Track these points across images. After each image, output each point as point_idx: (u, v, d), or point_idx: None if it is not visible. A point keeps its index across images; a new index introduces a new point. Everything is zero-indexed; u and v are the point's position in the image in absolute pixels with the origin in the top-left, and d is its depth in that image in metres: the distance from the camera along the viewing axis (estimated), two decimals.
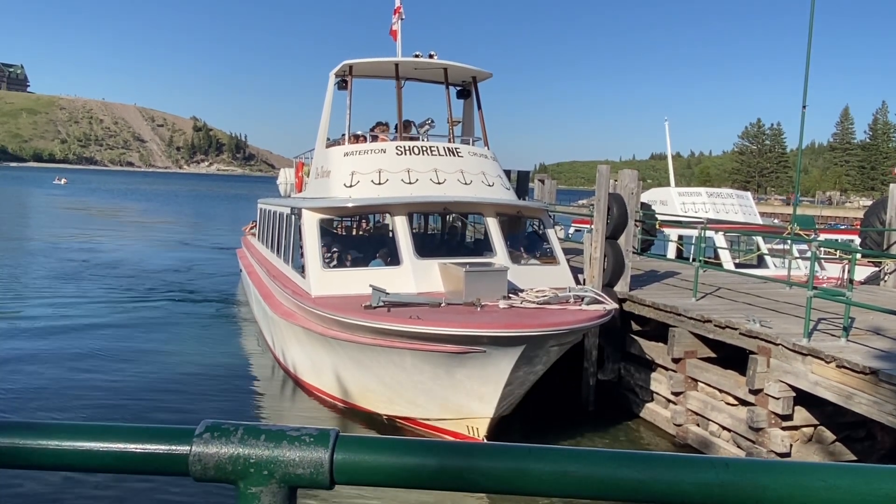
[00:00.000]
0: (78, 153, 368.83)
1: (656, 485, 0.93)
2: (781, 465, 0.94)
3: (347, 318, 9.14)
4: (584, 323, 8.98)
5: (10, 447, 1.04)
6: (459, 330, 8.32)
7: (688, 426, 9.99)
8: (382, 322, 8.75)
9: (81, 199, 77.85)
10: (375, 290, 9.20)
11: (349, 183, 11.08)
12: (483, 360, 8.59)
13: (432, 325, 8.44)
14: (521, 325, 8.44)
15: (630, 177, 11.89)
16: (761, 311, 10.01)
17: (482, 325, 8.41)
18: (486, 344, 8.40)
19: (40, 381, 11.35)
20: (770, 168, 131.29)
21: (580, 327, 8.95)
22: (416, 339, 8.67)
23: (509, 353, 8.50)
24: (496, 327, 8.35)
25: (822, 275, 14.64)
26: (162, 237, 38.19)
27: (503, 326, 8.38)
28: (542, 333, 8.47)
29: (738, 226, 16.56)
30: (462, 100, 13.84)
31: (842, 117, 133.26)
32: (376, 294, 9.17)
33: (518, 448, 0.98)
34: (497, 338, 8.33)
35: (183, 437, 1.02)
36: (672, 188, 19.62)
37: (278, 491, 1.00)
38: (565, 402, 11.37)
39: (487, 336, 8.32)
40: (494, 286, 9.63)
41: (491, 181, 11.48)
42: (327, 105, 12.74)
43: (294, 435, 1.00)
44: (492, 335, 8.32)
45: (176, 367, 12.60)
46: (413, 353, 8.86)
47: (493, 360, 8.58)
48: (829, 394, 7.73)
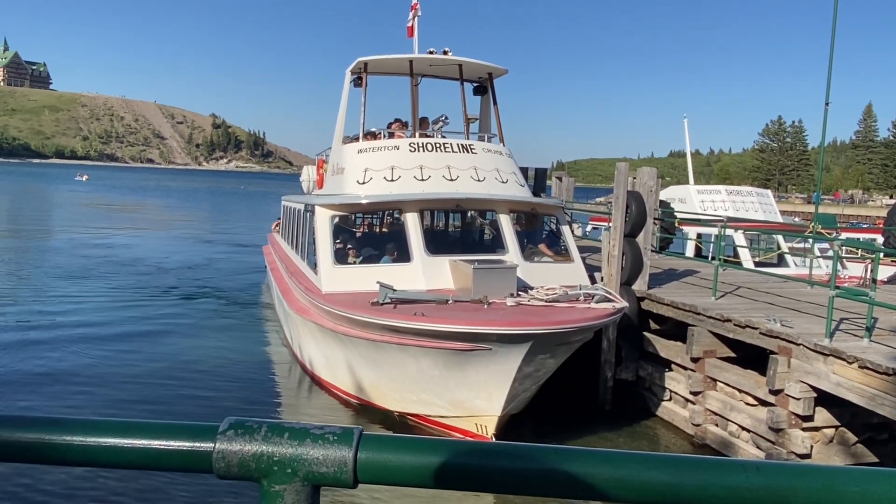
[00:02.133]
0: (99, 150, 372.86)
1: (684, 488, 0.91)
2: (814, 469, 0.92)
3: (354, 315, 9.17)
4: (592, 322, 8.90)
5: (36, 442, 1.04)
6: (463, 327, 8.29)
7: (706, 426, 9.91)
8: (387, 318, 8.76)
9: (103, 196, 78.78)
10: (382, 286, 9.23)
11: (362, 180, 11.10)
12: (489, 358, 8.56)
13: (436, 322, 8.43)
14: (526, 323, 8.39)
15: (649, 174, 11.80)
16: (782, 310, 9.90)
17: (486, 322, 8.37)
18: (492, 342, 8.37)
19: (64, 377, 11.50)
20: (791, 166, 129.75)
21: (587, 326, 8.87)
22: (421, 335, 8.66)
23: (515, 350, 8.46)
24: (500, 325, 8.31)
25: (844, 274, 14.45)
26: (183, 234, 38.54)
27: (508, 324, 8.33)
28: (548, 331, 8.41)
29: (759, 224, 16.38)
30: (479, 96, 13.81)
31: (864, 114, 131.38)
32: (383, 291, 9.19)
33: (544, 449, 0.97)
34: (501, 335, 8.30)
35: (207, 434, 1.02)
36: (691, 186, 19.44)
37: (302, 489, 0.99)
38: (582, 401, 11.32)
39: (491, 333, 8.29)
40: (503, 284, 9.59)
41: (505, 178, 11.42)
42: (344, 102, 12.77)
43: (318, 433, 1.00)
44: (495, 333, 8.28)
45: (198, 362, 12.74)
46: (419, 350, 8.86)
47: (500, 358, 8.55)
48: (852, 395, 7.63)
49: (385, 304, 9.11)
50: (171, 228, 42.19)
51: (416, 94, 12.91)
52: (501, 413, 8.96)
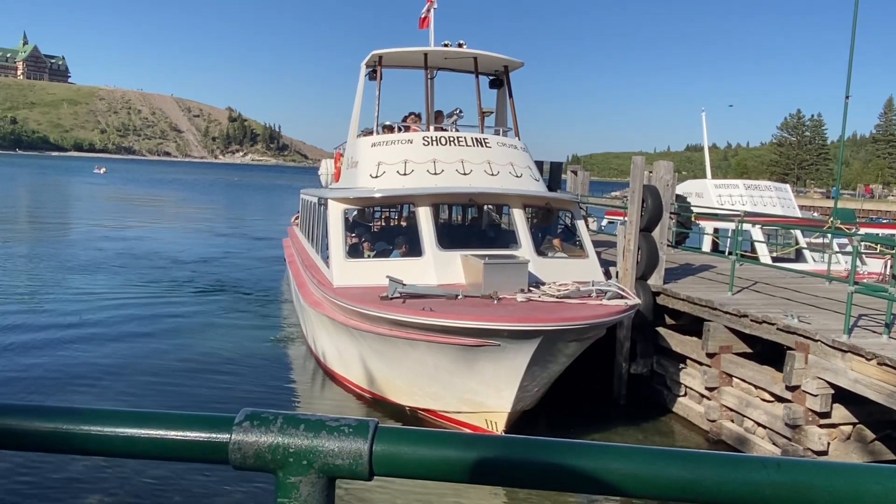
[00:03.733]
0: (117, 143, 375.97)
1: (704, 484, 0.90)
2: (836, 467, 0.90)
3: (363, 309, 9.19)
4: (603, 318, 8.81)
5: (53, 432, 1.05)
6: (470, 322, 8.26)
7: (722, 422, 9.85)
8: (395, 313, 8.75)
9: (122, 188, 79.52)
10: (392, 280, 9.23)
11: (375, 173, 11.10)
12: (498, 354, 8.52)
13: (443, 317, 8.40)
14: (535, 319, 8.31)
15: (665, 168, 11.72)
16: (799, 306, 9.81)
17: (494, 318, 8.30)
18: (501, 337, 8.32)
19: (80, 368, 11.64)
20: (810, 160, 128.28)
21: (597, 322, 8.78)
22: (428, 330, 8.64)
23: (524, 347, 8.41)
24: (508, 320, 8.24)
25: (863, 270, 14.28)
26: (201, 227, 38.83)
27: (515, 320, 8.26)
28: (556, 328, 8.33)
29: (776, 219, 16.22)
30: (495, 90, 13.75)
31: (885, 108, 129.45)
32: (393, 285, 9.20)
33: (560, 443, 0.96)
34: (509, 331, 8.24)
35: (223, 425, 1.02)
36: (708, 180, 19.27)
37: (317, 481, 0.99)
38: (596, 396, 11.29)
39: (498, 329, 8.23)
40: (514, 279, 9.54)
41: (519, 172, 11.35)
42: (359, 96, 12.75)
43: (333, 425, 1.00)
44: (502, 328, 8.22)
45: (214, 354, 12.86)
46: (428, 344, 8.83)
47: (509, 355, 8.50)
48: (870, 392, 7.55)
49: (394, 299, 9.11)
50: (188, 221, 42.51)
51: (431, 87, 12.87)
52: (511, 410, 8.92)
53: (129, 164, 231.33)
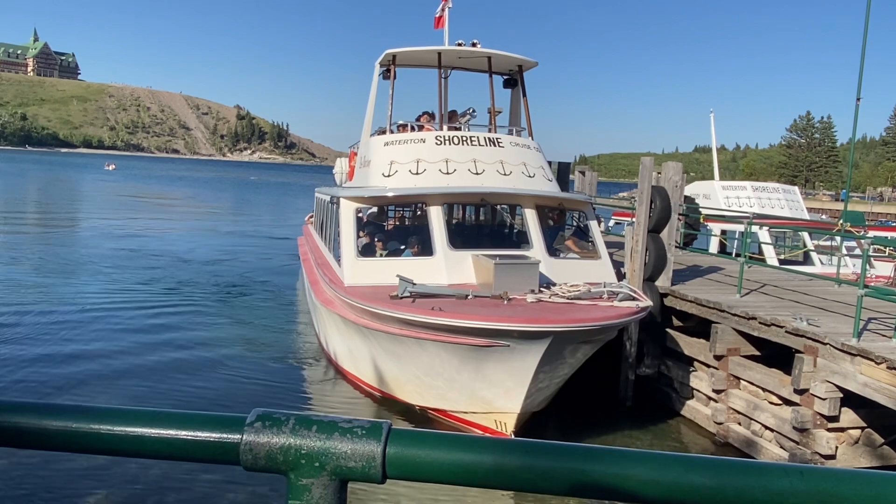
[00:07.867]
0: (126, 140, 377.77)
1: (725, 491, 0.88)
2: (861, 476, 0.88)
3: (372, 308, 9.17)
4: (613, 320, 8.74)
5: (64, 431, 1.04)
6: (479, 322, 8.21)
7: (729, 425, 9.80)
8: (404, 312, 8.72)
9: (131, 185, 79.84)
10: (402, 280, 9.22)
11: (387, 172, 11.08)
12: (508, 355, 8.48)
13: (452, 316, 8.36)
14: (544, 320, 8.25)
15: (674, 169, 11.67)
16: (808, 309, 9.75)
17: (503, 318, 8.25)
18: (510, 338, 8.28)
19: (90, 367, 11.64)
20: (819, 162, 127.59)
21: (608, 324, 8.70)
22: (438, 330, 8.62)
23: (534, 347, 8.37)
24: (517, 321, 8.18)
25: (872, 273, 14.20)
26: (211, 225, 38.89)
27: (525, 320, 8.20)
28: (566, 329, 8.27)
29: (785, 221, 16.14)
30: (509, 89, 13.71)
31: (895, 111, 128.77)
32: (402, 284, 9.18)
33: (578, 448, 0.94)
34: (518, 332, 8.20)
35: (234, 426, 1.01)
36: (716, 182, 19.19)
37: (329, 483, 0.98)
38: (602, 398, 11.24)
39: (507, 329, 8.19)
40: (525, 279, 9.50)
41: (532, 172, 11.31)
42: (373, 95, 12.72)
43: (346, 427, 0.98)
44: (511, 329, 8.17)
45: (226, 349, 12.91)
46: (437, 344, 8.81)
47: (519, 355, 8.46)
48: (879, 396, 7.50)
49: (404, 298, 9.10)
50: (198, 219, 42.61)
51: (445, 86, 12.85)
52: (521, 410, 8.89)
53: (138, 161, 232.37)
